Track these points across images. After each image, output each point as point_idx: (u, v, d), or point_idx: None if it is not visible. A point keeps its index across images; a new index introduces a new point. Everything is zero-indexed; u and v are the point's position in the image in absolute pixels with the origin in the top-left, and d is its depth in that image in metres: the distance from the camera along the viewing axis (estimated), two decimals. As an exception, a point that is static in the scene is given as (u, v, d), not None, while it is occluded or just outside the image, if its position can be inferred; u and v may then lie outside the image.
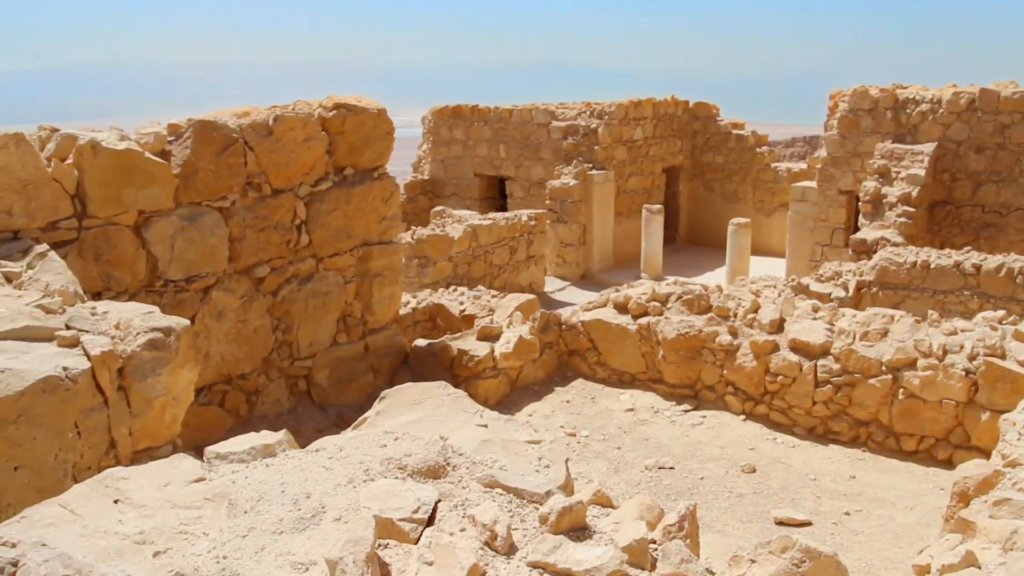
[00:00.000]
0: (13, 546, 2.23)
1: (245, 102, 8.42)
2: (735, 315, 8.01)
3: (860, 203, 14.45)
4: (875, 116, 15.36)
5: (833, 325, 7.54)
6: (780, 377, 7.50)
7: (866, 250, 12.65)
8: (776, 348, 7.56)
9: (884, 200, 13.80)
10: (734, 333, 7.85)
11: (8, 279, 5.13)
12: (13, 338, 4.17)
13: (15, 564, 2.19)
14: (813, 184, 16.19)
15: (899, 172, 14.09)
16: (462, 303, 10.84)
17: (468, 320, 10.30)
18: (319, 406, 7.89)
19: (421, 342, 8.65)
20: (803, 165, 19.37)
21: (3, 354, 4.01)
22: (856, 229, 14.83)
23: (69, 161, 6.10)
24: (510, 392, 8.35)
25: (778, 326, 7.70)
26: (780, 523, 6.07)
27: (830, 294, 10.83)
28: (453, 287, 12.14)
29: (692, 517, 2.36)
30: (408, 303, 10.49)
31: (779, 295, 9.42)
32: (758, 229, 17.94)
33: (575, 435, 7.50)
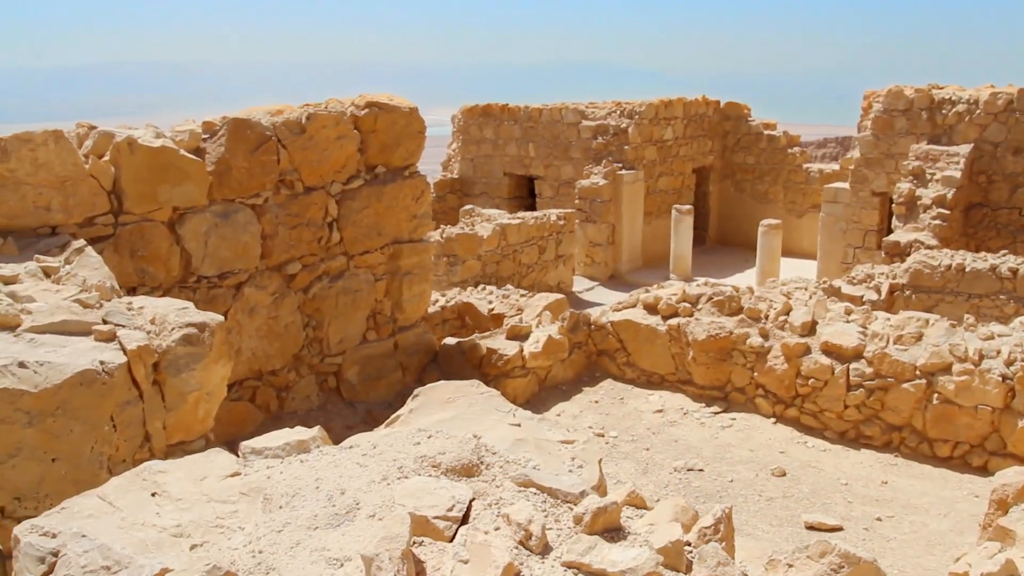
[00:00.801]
0: (54, 536, 2.26)
1: (265, 101, 8.48)
2: (766, 317, 7.95)
3: (894, 205, 14.27)
4: (910, 117, 15.16)
5: (866, 328, 7.46)
6: (811, 380, 7.43)
7: (899, 252, 12.49)
8: (808, 351, 7.49)
9: (918, 202, 13.62)
10: (765, 335, 7.78)
11: (47, 274, 5.21)
12: (52, 332, 4.24)
13: (56, 554, 2.22)
14: (846, 185, 16.01)
15: (934, 174, 13.89)
16: (491, 302, 10.85)
17: (496, 319, 10.30)
18: (348, 403, 7.94)
19: (450, 340, 8.67)
20: (835, 166, 19.17)
21: (42, 347, 4.08)
22: (889, 231, 14.64)
23: (106, 158, 6.19)
24: (539, 391, 8.35)
25: (810, 328, 7.63)
26: (811, 528, 6.01)
27: (862, 297, 10.71)
28: (482, 286, 12.15)
29: (728, 520, 2.35)
30: (437, 301, 10.51)
31: (810, 297, 9.34)
32: (789, 230, 17.78)
33: (603, 436, 7.48)
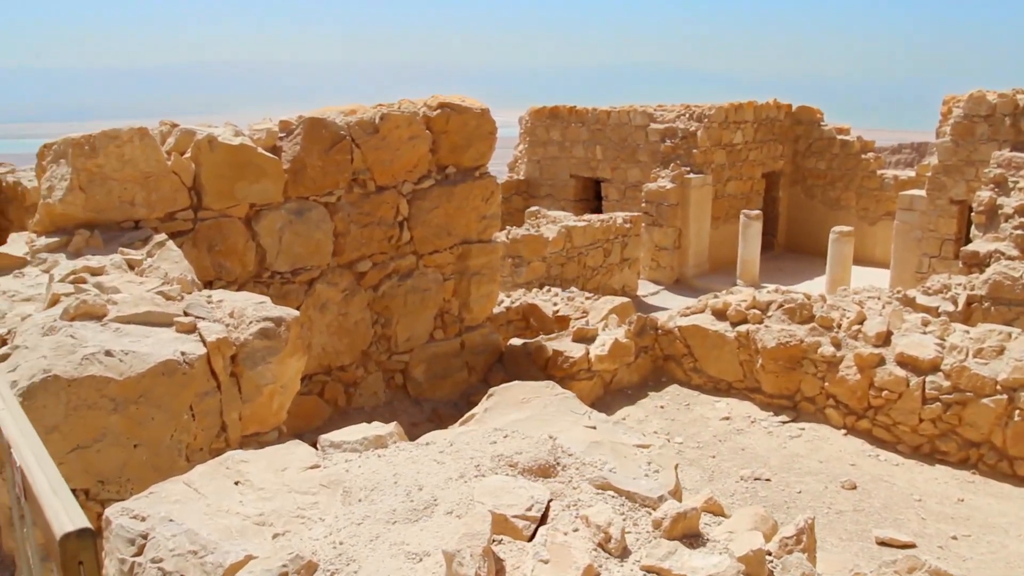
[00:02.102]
0: (143, 519, 2.34)
1: (339, 100, 8.61)
2: (839, 326, 7.78)
3: (973, 214, 13.82)
4: (992, 123, 14.67)
5: (944, 340, 7.24)
6: (885, 392, 7.24)
7: (978, 263, 12.08)
8: (882, 362, 7.30)
9: (999, 211, 13.16)
10: (837, 344, 7.62)
11: (130, 266, 5.38)
12: (136, 322, 4.37)
13: (145, 537, 2.30)
14: (922, 193, 15.58)
15: (1017, 182, 13.41)
16: (555, 304, 10.83)
17: (561, 321, 10.29)
18: (414, 400, 8.01)
19: (516, 341, 8.68)
20: (911, 173, 18.67)
21: (127, 337, 4.21)
22: (967, 241, 14.19)
23: (187, 155, 6.36)
24: (604, 395, 8.31)
25: (884, 339, 7.44)
26: (882, 543, 5.86)
27: (938, 308, 10.39)
28: (546, 288, 12.15)
29: (810, 531, 2.30)
30: (502, 302, 10.55)
31: (884, 307, 9.10)
32: (861, 238, 17.37)
33: (669, 441, 7.42)
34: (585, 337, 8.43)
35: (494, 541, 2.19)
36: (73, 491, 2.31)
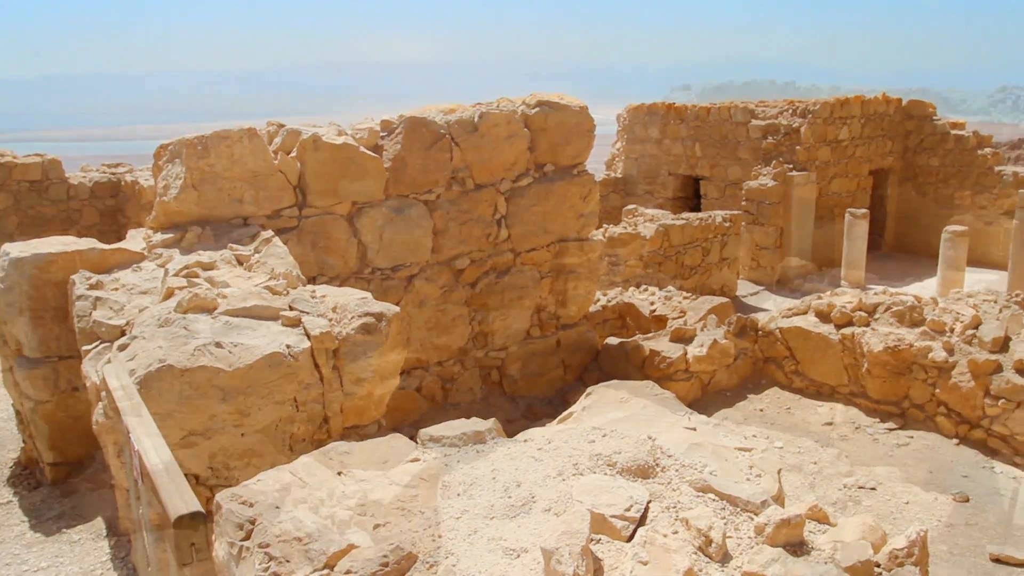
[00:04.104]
0: (251, 506, 2.42)
1: (438, 99, 8.70)
2: (951, 330, 7.43)
3: (1102, 213, 13.02)
4: (1124, 117, 13.77)
5: (1068, 347, 6.83)
6: (1002, 401, 6.88)
7: (1107, 266, 11.37)
8: (998, 368, 6.94)
9: None
10: (950, 350, 7.28)
11: (239, 261, 5.59)
12: (244, 315, 4.54)
13: (252, 522, 2.38)
14: (1045, 191, 14.74)
15: None
16: (652, 303, 10.70)
17: (658, 321, 10.16)
18: (509, 397, 8.05)
19: (613, 340, 8.62)
20: (1033, 170, 17.68)
21: (235, 330, 4.37)
22: (1095, 242, 13.35)
23: (293, 154, 6.55)
24: (701, 397, 8.17)
25: (1002, 345, 7.07)
26: (996, 560, 5.57)
27: (1062, 313, 9.82)
28: (643, 287, 12.02)
29: (923, 544, 2.20)
30: (598, 301, 10.48)
31: (1001, 311, 8.65)
32: (976, 238, 16.55)
33: (769, 445, 7.23)
34: (683, 337, 8.30)
35: (592, 540, 2.17)
36: (184, 476, 2.42)
